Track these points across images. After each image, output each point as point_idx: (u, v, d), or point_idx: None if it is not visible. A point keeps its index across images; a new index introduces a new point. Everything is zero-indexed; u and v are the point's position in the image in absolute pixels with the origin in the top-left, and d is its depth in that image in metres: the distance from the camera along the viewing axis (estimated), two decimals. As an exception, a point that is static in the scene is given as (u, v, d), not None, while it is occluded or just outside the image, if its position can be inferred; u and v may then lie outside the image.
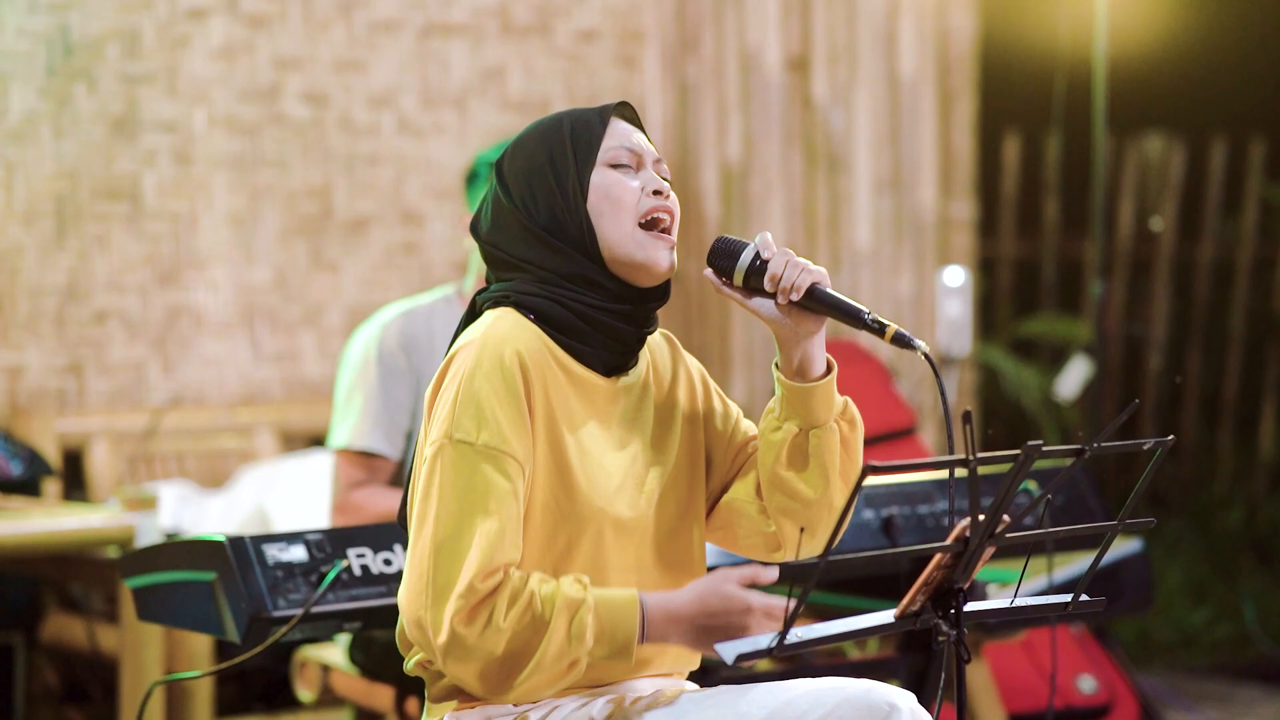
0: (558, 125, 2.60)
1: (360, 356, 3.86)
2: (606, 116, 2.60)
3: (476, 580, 2.39)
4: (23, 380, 5.49)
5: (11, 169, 5.45)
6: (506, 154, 2.62)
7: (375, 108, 5.96)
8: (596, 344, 2.55)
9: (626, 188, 2.56)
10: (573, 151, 2.56)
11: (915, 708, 2.46)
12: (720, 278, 2.61)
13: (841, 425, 2.62)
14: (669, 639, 2.42)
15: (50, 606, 5.23)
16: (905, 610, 2.39)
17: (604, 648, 2.40)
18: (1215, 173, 8.24)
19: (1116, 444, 2.40)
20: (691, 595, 2.41)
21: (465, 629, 2.39)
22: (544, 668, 2.39)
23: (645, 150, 2.60)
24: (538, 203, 2.56)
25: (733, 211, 6.41)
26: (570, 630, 2.38)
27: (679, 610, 2.41)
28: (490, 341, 2.49)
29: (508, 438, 2.44)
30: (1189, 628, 6.91)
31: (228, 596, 3.11)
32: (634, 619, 2.40)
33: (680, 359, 2.71)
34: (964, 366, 6.57)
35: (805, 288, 2.54)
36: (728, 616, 2.39)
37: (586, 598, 2.40)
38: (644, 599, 2.42)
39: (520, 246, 2.56)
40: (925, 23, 6.62)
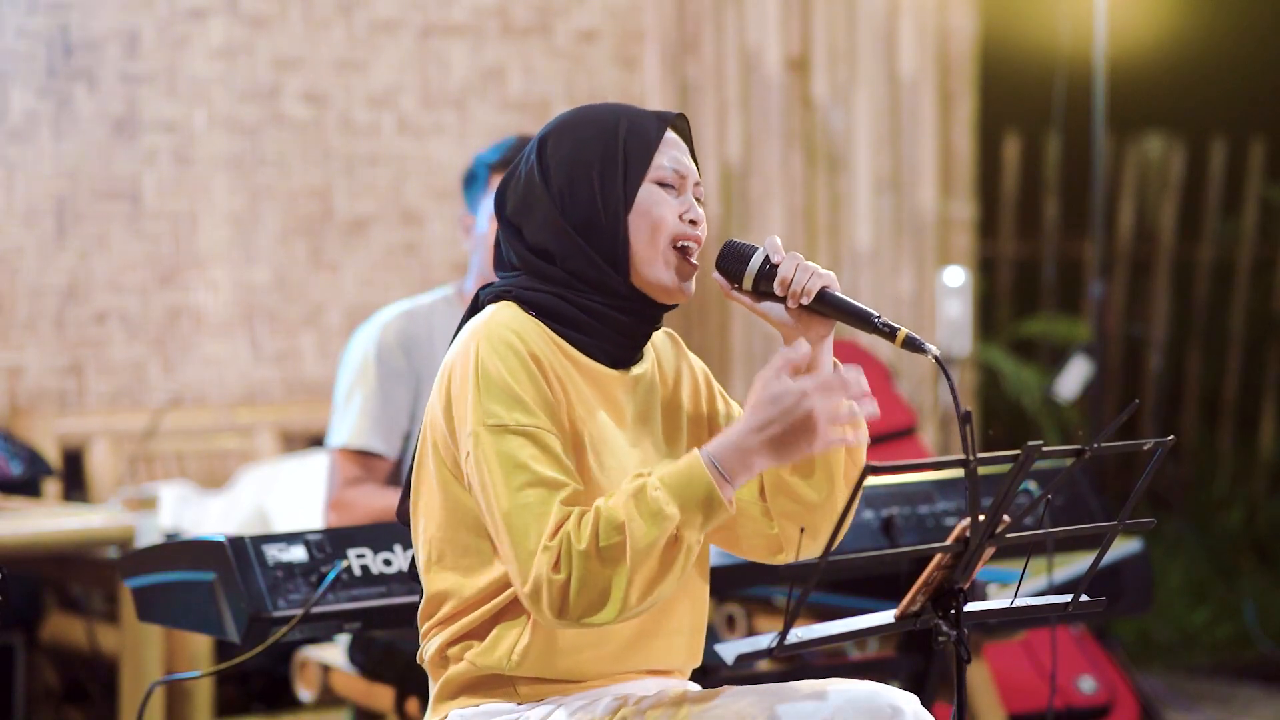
0: (614, 124, 2.56)
1: (360, 356, 3.85)
2: (663, 128, 2.58)
3: (548, 534, 2.39)
4: (23, 380, 5.49)
5: (11, 169, 5.45)
6: (552, 135, 2.58)
7: (375, 108, 5.96)
8: (601, 337, 2.55)
9: (669, 208, 2.55)
10: (624, 159, 2.54)
11: (919, 710, 2.45)
12: (730, 281, 2.60)
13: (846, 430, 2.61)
14: (752, 466, 2.42)
15: (50, 606, 5.23)
16: (905, 610, 2.39)
17: (692, 510, 2.39)
18: (1215, 173, 8.24)
19: (1116, 444, 2.40)
20: (746, 416, 2.42)
21: (558, 574, 2.38)
22: (641, 560, 2.37)
23: (690, 173, 2.59)
24: (577, 199, 2.54)
25: (733, 211, 6.41)
26: (644, 511, 2.38)
27: (742, 437, 2.41)
28: (493, 328, 2.48)
29: (536, 412, 2.45)
30: (1189, 628, 6.91)
31: (228, 596, 3.11)
32: (702, 470, 2.39)
33: (684, 358, 2.71)
34: (964, 366, 6.57)
35: (815, 291, 2.54)
36: (789, 414, 2.39)
37: (647, 479, 2.40)
38: (705, 448, 2.42)
39: (546, 235, 2.54)
40: (925, 23, 6.62)
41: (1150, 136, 8.31)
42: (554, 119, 2.61)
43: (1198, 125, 8.34)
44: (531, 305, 2.54)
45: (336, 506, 3.79)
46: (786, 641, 2.29)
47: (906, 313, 6.61)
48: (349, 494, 3.79)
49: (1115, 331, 8.04)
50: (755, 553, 2.68)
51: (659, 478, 2.40)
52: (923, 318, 6.64)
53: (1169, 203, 8.21)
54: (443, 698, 2.57)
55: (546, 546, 2.39)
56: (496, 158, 3.84)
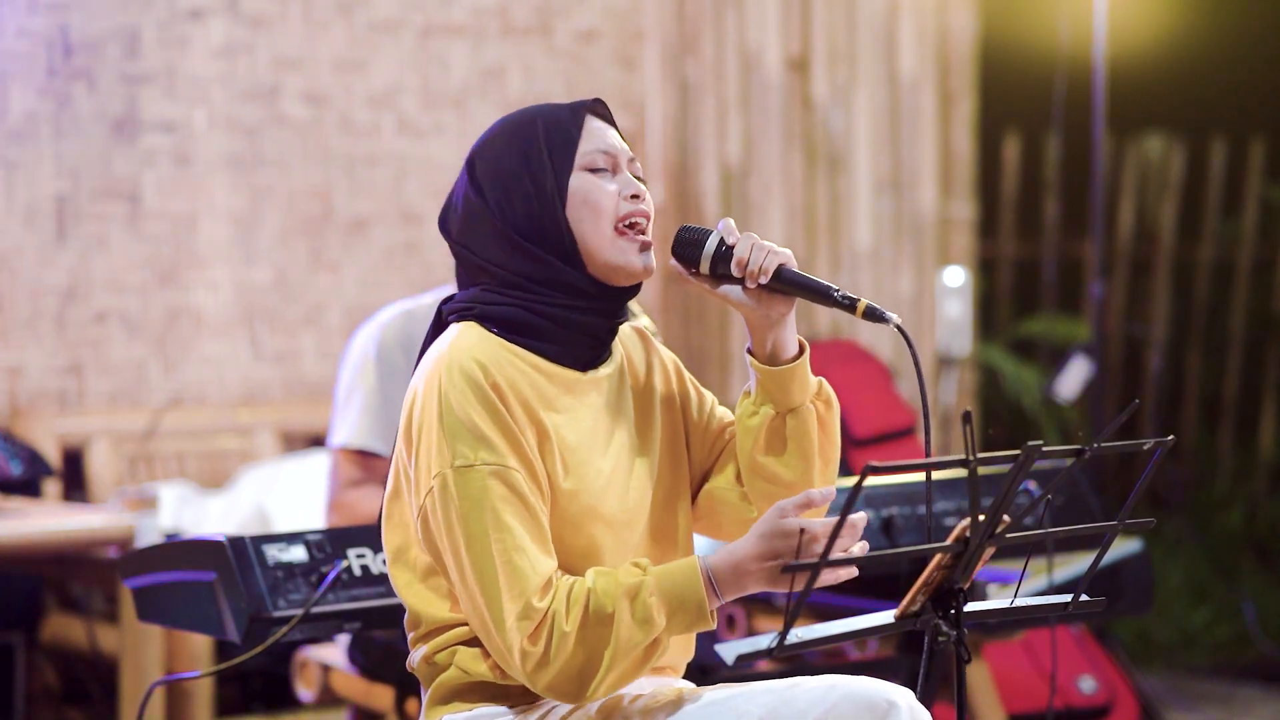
0: (530, 125, 2.56)
1: (360, 356, 3.86)
2: (580, 116, 2.57)
3: (532, 600, 2.39)
4: (23, 380, 5.49)
5: (11, 169, 5.45)
6: (477, 152, 2.58)
7: (375, 108, 5.96)
8: (565, 342, 2.54)
9: (605, 192, 2.54)
10: (549, 155, 2.53)
11: (914, 704, 2.46)
12: (687, 267, 2.59)
13: (818, 405, 2.61)
14: (745, 589, 2.42)
15: (50, 606, 5.23)
16: (905, 610, 2.39)
17: (679, 620, 2.40)
18: (1215, 173, 8.24)
19: (1116, 444, 2.40)
20: (753, 541, 2.41)
21: (535, 646, 2.40)
22: (621, 658, 2.39)
23: (620, 150, 2.58)
24: (513, 207, 2.53)
25: (733, 211, 6.41)
26: (635, 615, 2.39)
27: (745, 560, 2.41)
28: (454, 357, 2.47)
29: (504, 451, 2.44)
30: (1189, 628, 6.91)
31: (228, 596, 3.11)
32: (698, 584, 2.40)
33: (653, 350, 2.70)
34: (964, 366, 6.57)
35: (773, 269, 2.53)
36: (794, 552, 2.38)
37: (645, 579, 2.40)
38: (706, 562, 2.42)
39: (493, 249, 2.53)
40: (925, 23, 6.62)
41: (1150, 136, 8.31)
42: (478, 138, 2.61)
43: (1198, 125, 8.34)
44: (494, 321, 2.52)
45: (337, 508, 3.79)
46: (786, 641, 2.29)
47: (907, 313, 6.61)
48: (349, 495, 3.79)
49: (1115, 331, 8.04)
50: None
51: (655, 580, 2.40)
52: (923, 318, 6.64)
53: (1169, 203, 8.21)
54: (435, 702, 2.57)
55: (527, 614, 2.39)
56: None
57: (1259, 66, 8.69)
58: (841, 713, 2.42)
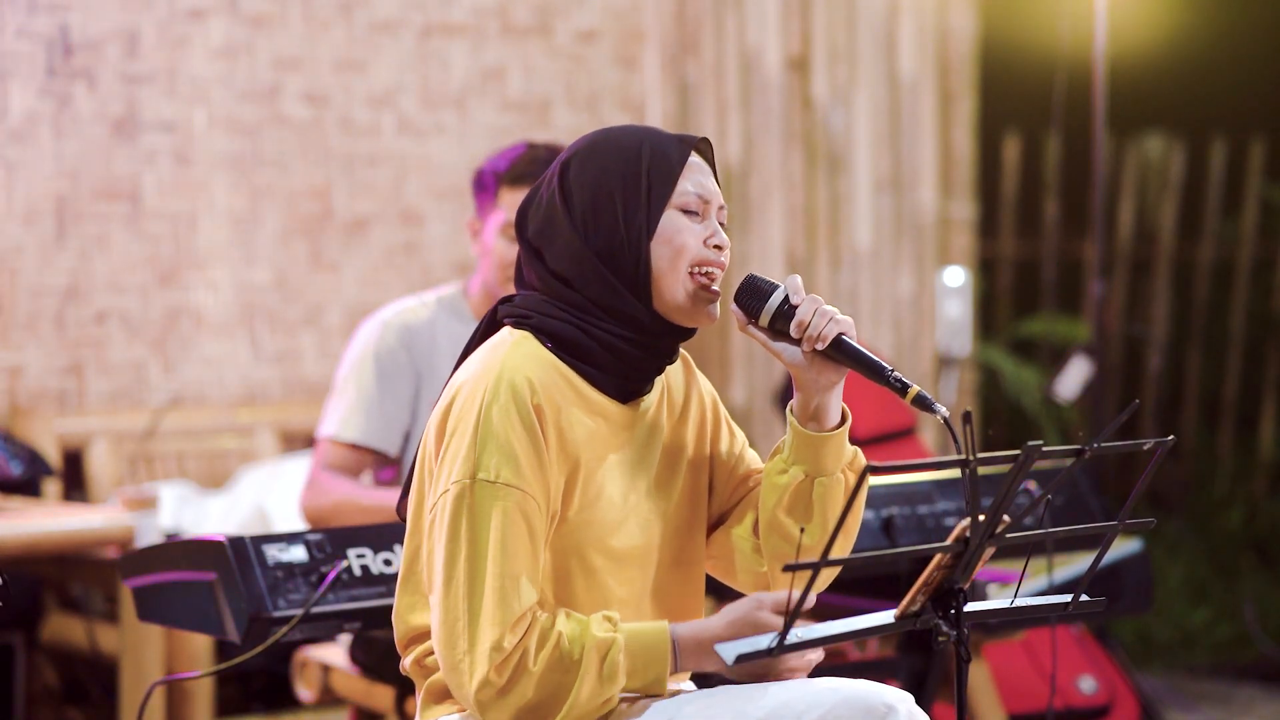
0: (636, 149, 2.54)
1: (358, 352, 3.88)
2: (686, 152, 2.55)
3: (508, 630, 2.39)
4: (23, 380, 5.48)
5: (11, 169, 5.45)
6: (575, 159, 2.56)
7: (375, 108, 5.96)
8: (612, 371, 2.53)
9: (692, 234, 2.53)
10: (647, 186, 2.52)
11: (913, 708, 2.46)
12: (747, 316, 2.58)
13: (848, 475, 2.60)
14: (703, 666, 2.45)
15: (50, 606, 5.23)
16: (905, 610, 2.39)
17: (637, 682, 2.43)
18: (1215, 173, 8.24)
19: (1116, 444, 2.40)
20: (724, 623, 2.43)
21: (499, 678, 2.40)
22: (578, 708, 2.40)
23: (714, 197, 2.56)
24: (599, 226, 2.52)
25: (733, 211, 6.41)
26: (602, 671, 2.40)
27: (710, 638, 2.44)
28: (506, 372, 2.46)
29: (529, 478, 2.44)
30: (1189, 628, 6.91)
31: (228, 596, 3.11)
32: (666, 654, 2.43)
33: (694, 382, 2.70)
34: (964, 366, 6.57)
35: (831, 337, 2.53)
36: None
37: (617, 637, 2.41)
38: (675, 631, 2.44)
39: (566, 260, 2.53)
40: (925, 23, 6.62)
41: (1150, 136, 8.31)
42: (578, 141, 2.59)
43: (1198, 125, 8.34)
44: (550, 336, 2.52)
45: (311, 484, 3.81)
46: (786, 641, 2.29)
47: (906, 313, 6.61)
48: (322, 474, 3.81)
49: (1115, 331, 8.04)
50: (745, 587, 2.68)
51: (626, 640, 2.41)
52: (923, 318, 6.64)
53: (1169, 203, 8.21)
54: (430, 702, 2.57)
55: (498, 649, 2.38)
56: (505, 168, 3.83)
57: (1259, 66, 8.69)
58: (840, 715, 2.41)
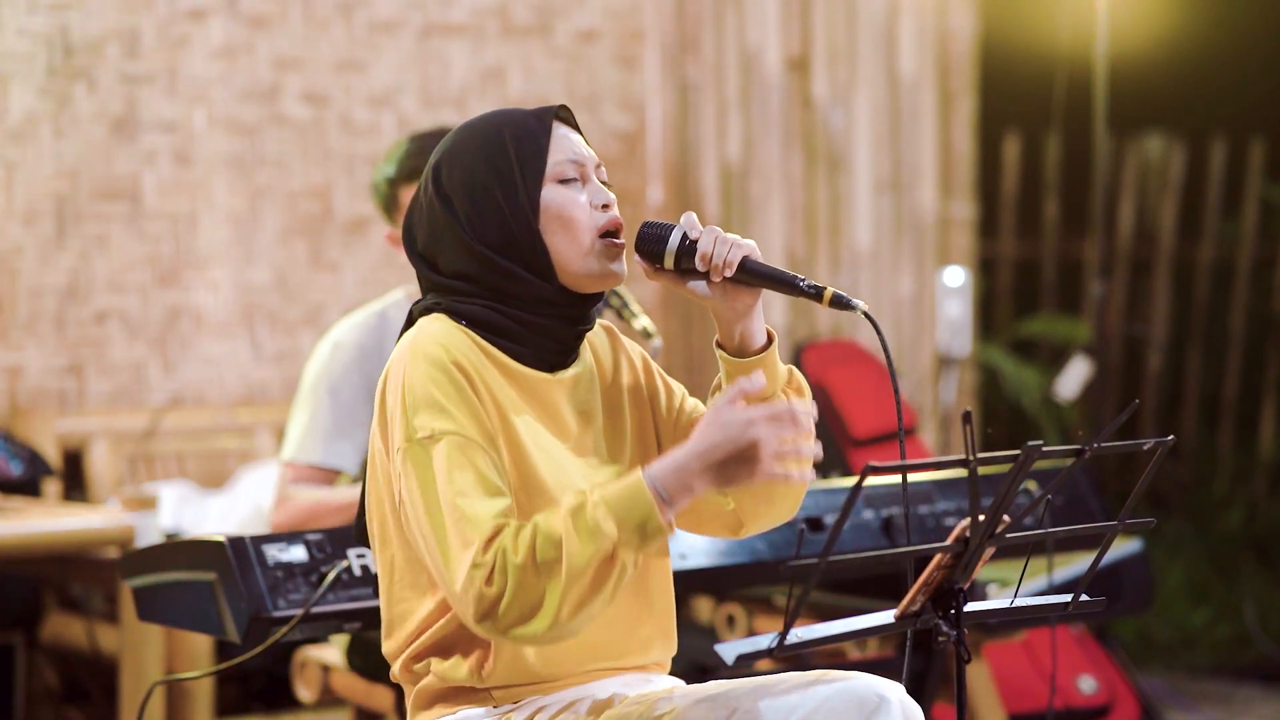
0: (498, 134, 2.54)
1: (313, 375, 3.90)
2: (547, 124, 2.55)
3: (478, 548, 2.37)
4: (23, 380, 5.49)
5: (11, 169, 5.45)
6: (443, 162, 2.55)
7: (375, 108, 5.96)
8: (532, 344, 2.54)
9: (577, 205, 2.53)
10: (519, 168, 2.52)
11: (905, 699, 2.45)
12: (651, 263, 2.58)
13: (789, 394, 2.60)
14: (693, 489, 2.38)
15: (50, 606, 5.23)
16: (905, 610, 2.39)
17: (629, 530, 2.36)
18: (1215, 173, 8.24)
19: (1116, 444, 2.40)
20: (692, 438, 2.39)
21: (490, 588, 2.36)
22: (578, 578, 2.35)
23: (588, 158, 2.57)
24: (485, 221, 2.51)
25: (733, 211, 6.41)
26: (581, 530, 2.35)
27: (685, 459, 2.38)
28: (419, 342, 2.47)
29: (464, 424, 2.43)
30: (1189, 628, 6.91)
31: (228, 596, 3.11)
32: (643, 490, 2.36)
33: (620, 347, 2.69)
34: (964, 366, 6.57)
35: (737, 262, 2.52)
36: (734, 441, 2.36)
37: (590, 495, 2.37)
38: (648, 469, 2.39)
39: (463, 262, 2.52)
40: (925, 23, 6.62)
41: (1150, 136, 8.31)
42: (442, 143, 2.58)
43: (1198, 125, 8.34)
44: (462, 315, 2.52)
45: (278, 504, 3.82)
46: (786, 641, 2.29)
47: (906, 313, 6.61)
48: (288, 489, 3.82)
49: (1115, 331, 8.04)
50: (719, 531, 2.68)
51: (600, 496, 2.37)
52: (923, 317, 6.64)
53: (1169, 203, 8.21)
54: (419, 708, 2.57)
55: (479, 563, 2.36)
56: (396, 170, 3.88)
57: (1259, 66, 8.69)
58: (833, 707, 2.41)
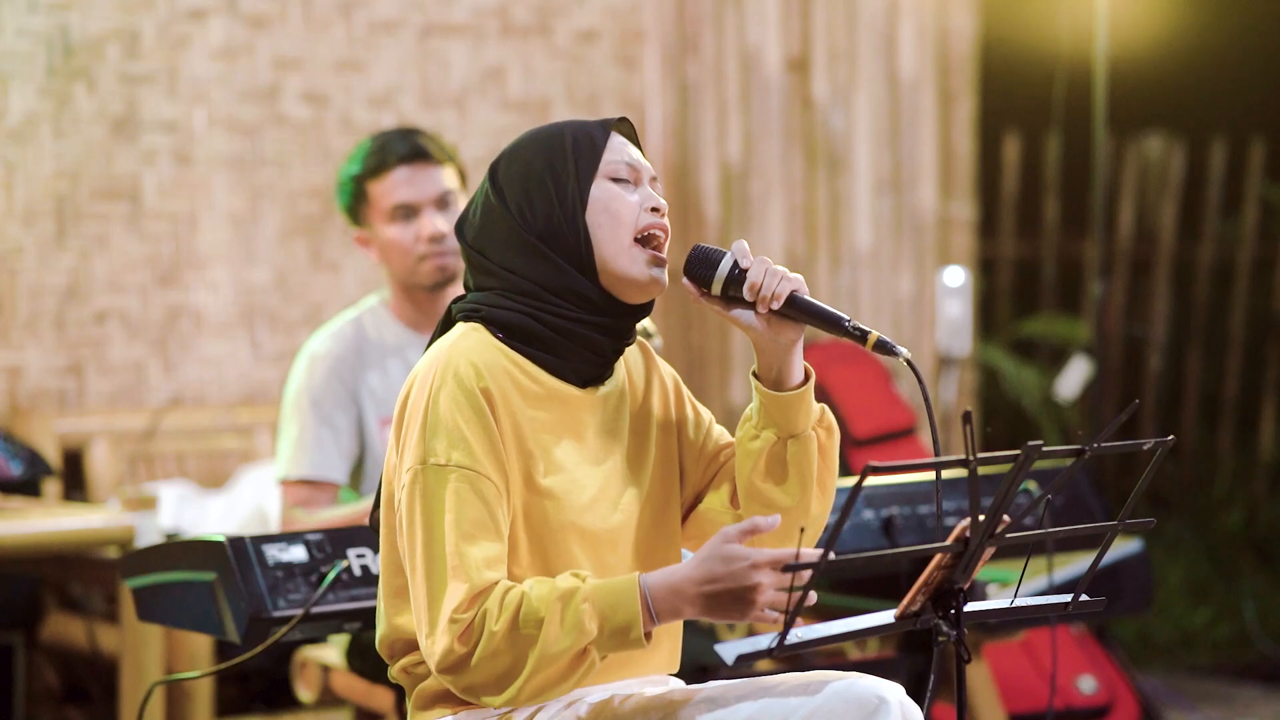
0: (559, 134, 2.59)
1: (293, 391, 3.92)
2: (608, 129, 2.60)
3: (466, 601, 2.39)
4: (23, 380, 5.48)
5: (11, 169, 5.45)
6: (503, 159, 2.60)
7: (375, 108, 5.96)
8: (571, 356, 2.54)
9: (625, 202, 2.56)
10: (574, 162, 2.55)
11: (904, 700, 2.46)
12: (698, 287, 2.59)
13: (819, 433, 2.60)
14: (680, 613, 2.39)
15: (50, 606, 5.23)
16: (905, 610, 2.39)
17: (608, 633, 2.38)
18: (1215, 173, 8.24)
19: (1116, 444, 2.40)
20: (693, 563, 2.38)
21: (463, 646, 2.39)
22: (546, 663, 2.37)
23: (644, 166, 2.61)
24: (534, 210, 2.54)
25: (733, 211, 6.41)
26: (566, 620, 2.37)
27: (682, 582, 2.38)
28: (452, 359, 2.48)
29: (480, 458, 2.44)
30: (1189, 628, 6.91)
31: (228, 596, 3.11)
32: (634, 599, 2.37)
33: (655, 367, 2.70)
34: (964, 366, 6.57)
35: (785, 296, 2.53)
36: (734, 579, 2.35)
37: (581, 587, 2.39)
38: (644, 578, 2.39)
39: (509, 253, 2.55)
40: (925, 23, 6.62)
41: (1150, 136, 8.31)
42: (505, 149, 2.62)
43: (1198, 125, 8.33)
44: (500, 326, 2.53)
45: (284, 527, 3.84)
46: (786, 641, 2.29)
47: (906, 313, 6.61)
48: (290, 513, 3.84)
49: (1115, 331, 8.04)
50: None
51: (591, 589, 2.38)
52: (923, 318, 6.64)
53: (1169, 203, 8.21)
54: (419, 708, 2.57)
55: (457, 618, 2.38)
56: (363, 166, 3.92)
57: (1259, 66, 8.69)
58: (832, 708, 2.41)
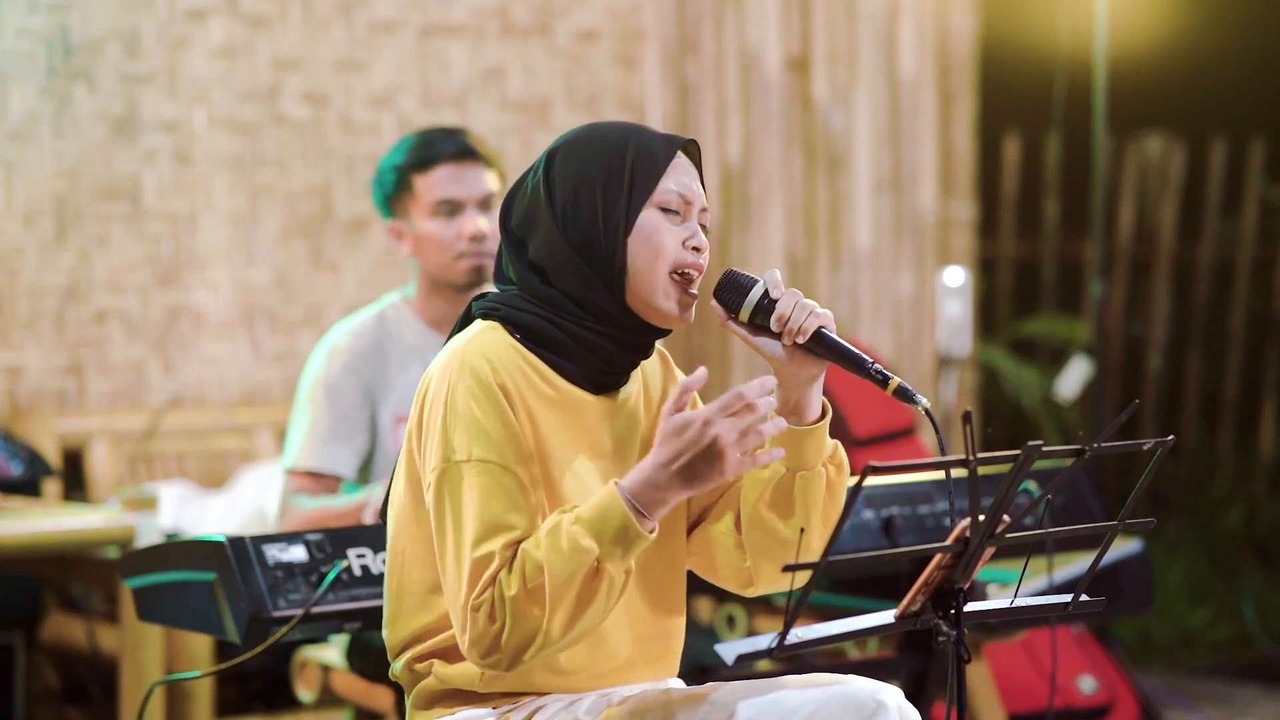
0: (623, 144, 2.55)
1: (309, 382, 3.92)
2: (673, 151, 2.56)
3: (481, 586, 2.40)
4: (23, 380, 5.48)
5: (11, 169, 5.45)
6: (561, 150, 2.57)
7: (375, 108, 5.96)
8: (584, 363, 2.54)
9: (670, 235, 2.54)
10: (630, 181, 2.53)
11: (903, 704, 2.46)
12: (727, 312, 2.59)
13: (829, 469, 2.60)
14: (667, 498, 2.39)
15: (50, 606, 5.23)
16: (905, 610, 2.39)
17: (609, 543, 2.37)
18: (1215, 173, 8.24)
19: (1116, 444, 2.40)
20: (655, 451, 2.40)
21: (492, 625, 2.39)
22: (562, 595, 2.37)
23: (696, 198, 2.57)
24: (579, 218, 2.53)
25: (733, 211, 6.41)
26: (563, 548, 2.37)
27: (653, 471, 2.39)
28: (467, 356, 2.48)
29: (502, 449, 2.44)
30: (1189, 628, 6.91)
31: (228, 596, 3.11)
32: (618, 502, 2.38)
33: (672, 377, 2.70)
34: (964, 366, 6.57)
35: (811, 331, 2.53)
36: (694, 443, 2.36)
37: (563, 516, 2.40)
38: (618, 483, 2.40)
39: (545, 251, 2.54)
40: (925, 23, 6.62)
41: (1150, 136, 8.31)
42: (567, 133, 2.60)
43: (1198, 125, 8.33)
44: (517, 327, 2.53)
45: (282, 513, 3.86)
46: (786, 641, 2.29)
47: (906, 313, 6.61)
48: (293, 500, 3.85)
49: (1115, 331, 8.04)
50: (728, 583, 2.68)
51: (574, 514, 2.39)
52: (923, 318, 6.64)
53: (1169, 203, 8.21)
54: (417, 707, 2.57)
55: (478, 603, 2.39)
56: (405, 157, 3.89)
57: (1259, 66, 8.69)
58: (831, 712, 2.41)
